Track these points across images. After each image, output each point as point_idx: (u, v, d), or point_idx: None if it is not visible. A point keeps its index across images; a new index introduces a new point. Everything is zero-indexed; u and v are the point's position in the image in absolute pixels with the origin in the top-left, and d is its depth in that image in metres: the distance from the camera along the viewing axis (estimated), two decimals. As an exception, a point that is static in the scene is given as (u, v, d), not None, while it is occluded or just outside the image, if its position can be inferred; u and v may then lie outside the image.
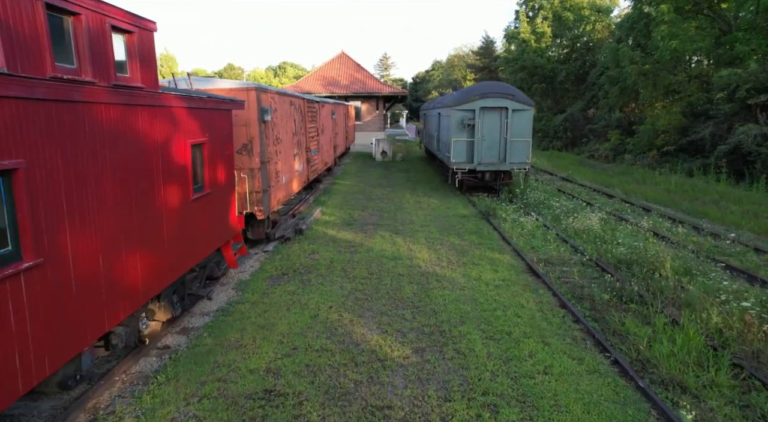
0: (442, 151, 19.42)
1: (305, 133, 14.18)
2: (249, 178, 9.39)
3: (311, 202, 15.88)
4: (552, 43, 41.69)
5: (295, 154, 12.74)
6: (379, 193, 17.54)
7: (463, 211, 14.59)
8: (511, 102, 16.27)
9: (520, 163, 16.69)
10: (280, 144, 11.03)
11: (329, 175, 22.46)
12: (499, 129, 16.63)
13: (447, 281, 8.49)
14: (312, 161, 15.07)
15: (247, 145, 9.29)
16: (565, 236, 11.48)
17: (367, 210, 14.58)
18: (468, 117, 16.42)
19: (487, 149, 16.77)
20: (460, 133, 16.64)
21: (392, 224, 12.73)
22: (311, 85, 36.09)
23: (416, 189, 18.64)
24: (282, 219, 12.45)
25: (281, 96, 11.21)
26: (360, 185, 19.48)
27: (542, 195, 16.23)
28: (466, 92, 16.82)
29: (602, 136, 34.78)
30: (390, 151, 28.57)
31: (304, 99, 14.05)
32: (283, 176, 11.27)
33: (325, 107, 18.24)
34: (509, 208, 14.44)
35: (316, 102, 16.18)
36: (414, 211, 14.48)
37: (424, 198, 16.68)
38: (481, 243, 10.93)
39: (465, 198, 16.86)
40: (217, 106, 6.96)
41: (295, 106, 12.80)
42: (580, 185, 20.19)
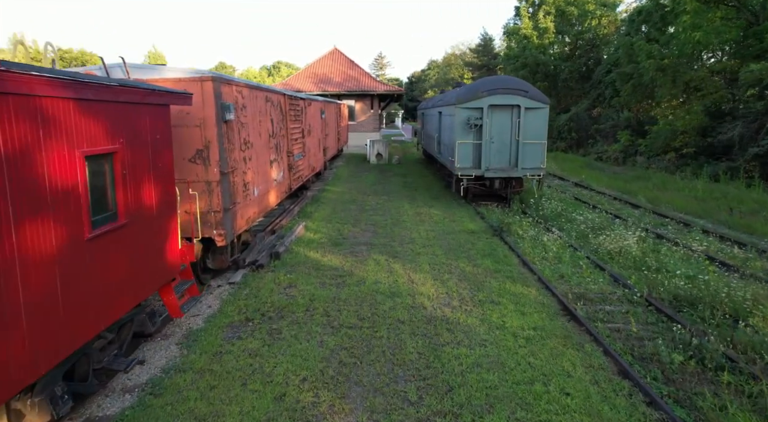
0: (444, 155, 17.40)
1: (287, 134, 12.12)
2: (205, 194, 7.32)
3: (296, 214, 13.81)
4: (555, 39, 39.78)
5: (273, 160, 10.67)
6: (374, 203, 15.49)
7: (471, 225, 12.56)
8: (524, 99, 14.27)
9: (534, 168, 14.70)
10: (251, 149, 8.96)
11: (319, 180, 20.40)
12: (509, 130, 14.63)
13: (462, 331, 6.45)
14: (295, 167, 13.01)
15: (201, 151, 7.22)
16: (598, 260, 9.47)
17: (360, 224, 12.53)
18: (474, 116, 14.41)
19: (497, 153, 14.76)
20: (466, 134, 14.62)
21: (389, 244, 10.68)
22: (302, 83, 33.99)
23: (415, 197, 16.61)
24: (257, 239, 10.39)
25: (252, 90, 9.15)
26: (352, 192, 17.43)
27: (559, 205, 14.23)
28: (472, 88, 14.82)
29: (610, 136, 32.89)
30: (386, 153, 26.53)
31: (285, 94, 11.99)
32: (255, 188, 9.20)
33: (312, 105, 16.18)
34: (524, 222, 12.43)
35: (302, 99, 14.13)
36: (414, 225, 12.44)
37: (424, 208, 14.65)
38: (499, 271, 8.89)
39: (471, 208, 14.84)
40: (142, 98, 4.89)
41: (272, 103, 10.73)
42: (597, 192, 18.21)
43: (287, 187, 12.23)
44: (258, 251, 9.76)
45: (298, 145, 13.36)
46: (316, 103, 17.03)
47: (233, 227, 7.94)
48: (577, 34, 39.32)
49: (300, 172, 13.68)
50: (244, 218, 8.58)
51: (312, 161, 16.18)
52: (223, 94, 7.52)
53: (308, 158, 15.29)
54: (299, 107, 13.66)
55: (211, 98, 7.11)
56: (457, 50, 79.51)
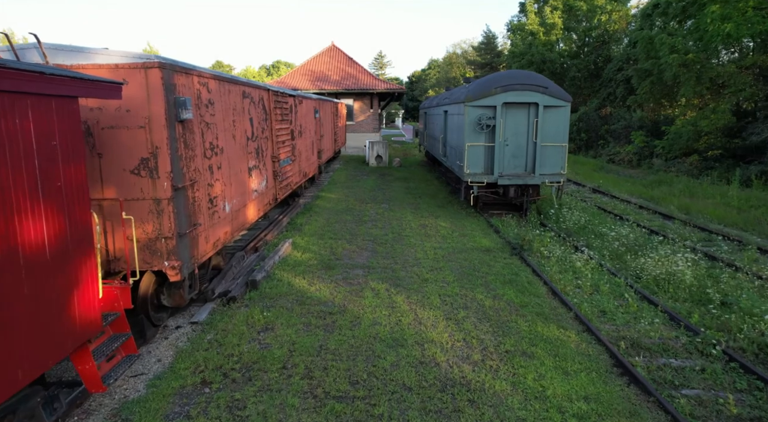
0: (451, 159, 15.73)
1: (271, 136, 10.45)
2: (153, 216, 5.65)
3: (284, 226, 12.15)
4: (563, 35, 38.11)
5: (253, 167, 9.01)
6: (373, 213, 13.83)
7: (485, 240, 10.90)
8: (543, 96, 12.61)
9: (553, 174, 13.03)
10: (221, 155, 7.29)
11: (313, 185, 18.74)
12: (526, 131, 12.96)
13: (489, 404, 4.78)
14: (282, 174, 11.34)
15: (147, 160, 5.55)
16: (644, 290, 7.82)
17: (356, 240, 10.86)
18: (486, 115, 12.75)
19: (511, 157, 13.10)
20: (476, 135, 12.96)
21: (390, 266, 9.02)
22: (297, 81, 32.33)
23: (419, 205, 14.94)
24: (233, 260, 8.73)
25: (223, 83, 7.47)
26: (349, 200, 15.77)
27: (582, 216, 12.57)
28: (484, 84, 13.15)
29: (622, 137, 31.22)
30: (386, 155, 24.87)
31: (270, 90, 10.31)
32: (227, 203, 7.53)
33: (304, 103, 14.51)
34: (546, 237, 10.77)
35: (290, 95, 12.46)
36: (419, 241, 10.78)
37: (430, 219, 12.98)
38: (525, 305, 7.23)
39: (483, 220, 13.18)
40: (17, 85, 3.21)
41: (252, 100, 9.07)
42: (619, 199, 16.53)
43: (272, 198, 10.56)
44: (232, 278, 8.09)
45: (285, 148, 11.69)
46: (308, 101, 15.37)
47: (193, 255, 6.27)
48: (586, 30, 37.65)
49: (288, 179, 12.01)
50: (211, 241, 6.91)
51: (304, 166, 14.51)
52: (178, 86, 5.85)
53: (299, 163, 13.63)
54: (287, 105, 12.00)
55: (160, 91, 5.44)
56: (458, 49, 77.88)
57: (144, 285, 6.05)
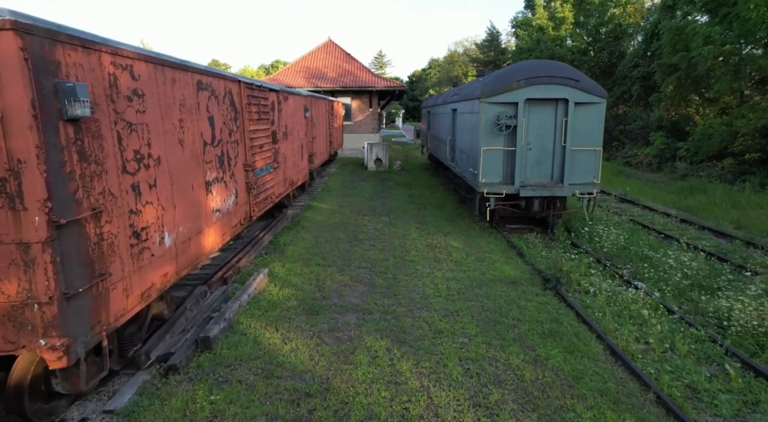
0: (462, 164, 13.65)
1: (244, 140, 8.38)
2: (15, 271, 3.58)
3: (264, 246, 10.09)
4: (573, 30, 36.04)
5: (213, 180, 6.94)
6: (371, 228, 11.76)
7: (508, 268, 8.83)
8: (574, 90, 10.54)
9: (585, 184, 10.96)
10: (155, 168, 5.22)
11: (305, 192, 16.68)
12: (552, 132, 10.90)
13: None
14: (260, 186, 9.27)
15: (4, 182, 3.49)
16: (739, 350, 5.75)
17: (350, 267, 8.79)
18: (506, 114, 10.68)
19: (535, 164, 11.03)
20: (494, 138, 10.89)
21: (392, 308, 6.95)
22: (291, 78, 30.27)
23: (424, 218, 12.88)
24: (190, 301, 6.66)
25: (159, 67, 5.39)
26: (344, 211, 13.70)
27: (620, 234, 10.52)
28: (503, 76, 11.07)
29: (640, 138, 29.15)
30: (386, 158, 22.80)
31: (241, 82, 8.23)
32: (166, 234, 5.45)
33: (291, 100, 12.45)
34: (582, 263, 8.71)
35: (272, 90, 10.39)
36: (427, 268, 8.72)
37: (438, 237, 10.92)
38: (581, 377, 5.15)
39: (501, 237, 11.12)
40: None
41: (214, 94, 7.01)
42: (654, 211, 14.46)
43: (244, 216, 8.49)
44: (182, 330, 6.02)
45: (264, 154, 9.62)
46: (296, 98, 13.30)
47: (100, 321, 4.20)
48: (597, 25, 35.57)
49: (268, 190, 9.94)
50: (137, 292, 4.83)
51: (290, 173, 12.45)
52: (65, 65, 3.78)
53: (284, 170, 11.56)
54: (267, 102, 9.93)
55: (20, 69, 3.37)
56: (460, 47, 75.76)
57: (18, 370, 3.98)
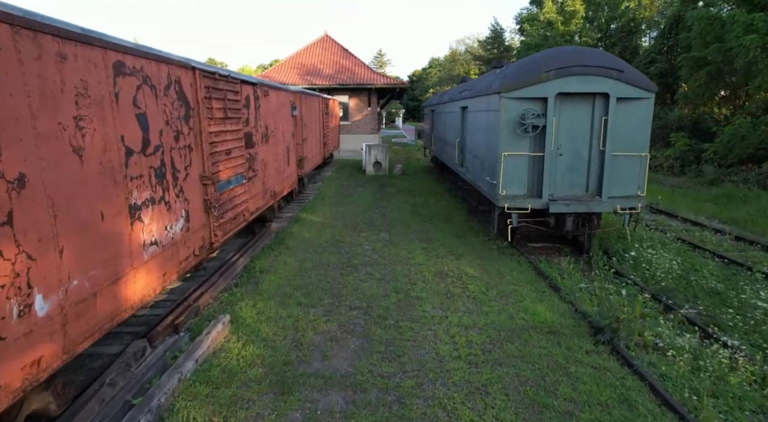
0: (475, 171, 11.69)
1: (200, 144, 6.44)
2: None
3: (237, 274, 8.16)
4: (584, 25, 34.11)
5: (145, 203, 5.00)
6: (368, 248, 9.82)
7: (541, 307, 6.88)
8: (616, 83, 8.61)
9: (628, 197, 9.04)
10: (9, 194, 3.28)
11: (295, 200, 14.75)
12: (588, 134, 8.97)
13: None
14: (226, 203, 7.33)
15: None
16: None
17: (340, 308, 6.85)
18: (532, 112, 8.75)
19: (567, 172, 9.11)
20: (517, 141, 8.96)
21: (393, 382, 4.99)
22: (285, 74, 28.33)
23: (430, 234, 10.94)
24: (114, 369, 4.74)
25: (36, 35, 3.46)
26: (337, 225, 11.76)
27: (670, 258, 8.59)
28: (529, 66, 9.12)
29: (659, 139, 27.17)
30: (385, 161, 20.86)
31: (195, 69, 6.29)
32: (39, 300, 3.50)
33: (273, 96, 10.51)
34: (636, 301, 6.79)
35: (247, 82, 8.44)
36: (438, 310, 6.78)
37: (449, 260, 8.98)
38: None
39: (524, 261, 9.18)
40: None
41: (148, 82, 5.07)
42: (695, 223, 12.50)
43: (201, 244, 6.54)
44: (83, 429, 4.07)
45: (234, 161, 7.68)
46: (281, 94, 11.36)
47: None
48: (609, 19, 33.63)
49: (239, 207, 7.99)
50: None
51: (272, 182, 10.51)
52: None
53: (262, 179, 9.62)
54: (239, 96, 7.98)
55: None
56: (462, 45, 73.80)
57: None
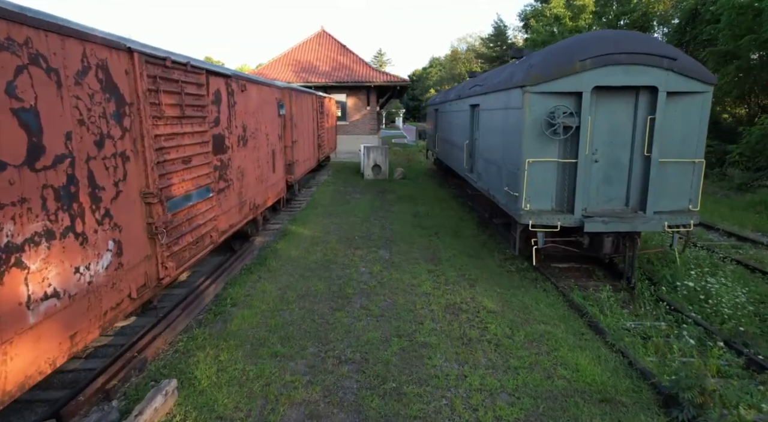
0: (489, 180, 10.11)
1: (141, 152, 4.89)
2: None
3: (202, 309, 6.62)
4: (594, 20, 32.57)
5: (33, 239, 3.45)
6: (364, 272, 8.26)
7: (585, 360, 5.32)
8: (667, 74, 7.05)
9: (677, 213, 7.48)
10: None
11: (285, 208, 13.20)
12: (630, 136, 7.41)
13: None
14: (178, 226, 5.77)
15: None
16: None
17: (325, 363, 5.29)
18: (563, 109, 7.18)
19: (603, 182, 7.54)
20: (543, 145, 7.40)
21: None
22: (278, 72, 26.77)
23: (438, 252, 9.39)
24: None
25: None
26: (329, 240, 10.20)
27: (737, 289, 7.03)
28: (561, 53, 7.52)
29: (675, 140, 25.66)
30: (385, 164, 19.30)
31: (135, 51, 4.74)
32: None
33: (253, 91, 8.96)
34: (712, 355, 5.24)
35: (216, 73, 6.88)
36: (453, 365, 5.21)
37: (462, 288, 7.42)
38: None
39: (549, 284, 7.60)
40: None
41: (40, 62, 3.52)
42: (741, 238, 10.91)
43: (142, 282, 4.98)
44: None
45: (196, 171, 6.12)
46: (264, 90, 9.81)
47: None
48: (619, 14, 32.08)
49: (200, 229, 6.43)
50: None
51: (252, 192, 8.96)
52: None
53: (238, 190, 8.07)
54: (203, 90, 6.43)
55: None
56: (464, 43, 72.20)
57: None
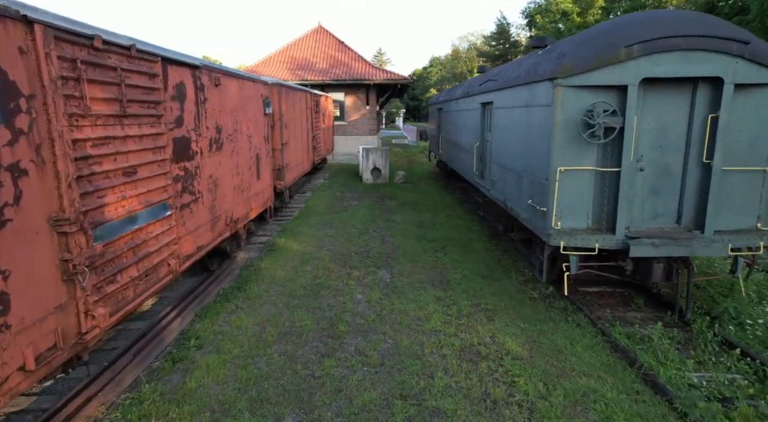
0: (506, 189, 8.73)
1: (48, 165, 3.55)
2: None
3: (161, 353, 5.28)
4: (603, 16, 31.26)
5: None
6: (361, 300, 6.91)
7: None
8: (735, 62, 5.69)
9: (743, 232, 6.13)
10: None
11: (274, 217, 11.86)
12: (684, 139, 6.07)
13: None
14: (120, 257, 4.44)
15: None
16: None
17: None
18: (605, 106, 5.83)
19: (650, 194, 6.19)
20: (577, 150, 6.05)
21: None
22: (273, 69, 25.44)
23: (446, 272, 8.05)
24: None
25: None
26: (321, 258, 8.85)
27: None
28: (599, 39, 6.16)
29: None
30: (385, 167, 17.96)
31: (40, 23, 3.43)
32: None
33: (229, 86, 7.62)
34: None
35: (178, 62, 5.54)
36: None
37: (478, 322, 6.07)
38: None
39: (582, 317, 6.25)
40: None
41: None
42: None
43: (49, 344, 3.64)
44: None
45: (145, 185, 4.78)
46: (245, 84, 8.47)
47: None
48: (630, 9, 30.73)
49: (151, 258, 5.08)
50: None
51: (228, 205, 7.61)
52: None
53: (210, 205, 6.72)
54: (156, 81, 5.09)
55: None
56: (465, 42, 70.87)
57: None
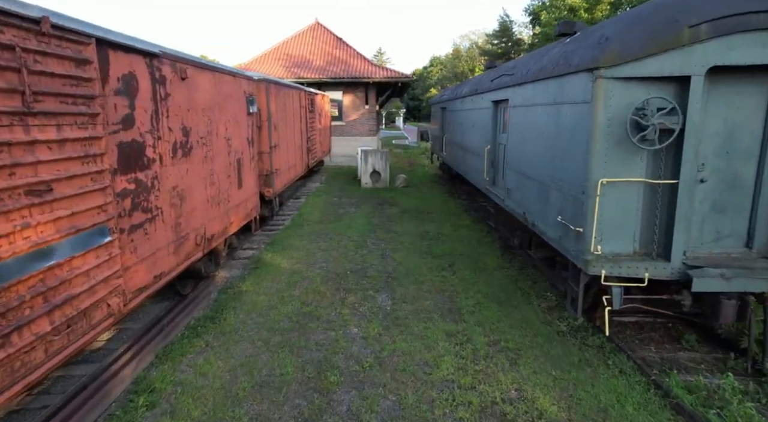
0: (528, 203, 7.53)
1: None
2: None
3: (102, 411, 4.10)
4: (611, 12, 30.09)
5: None
6: (357, 337, 5.73)
7: None
8: (824, 48, 4.54)
9: (828, 258, 4.96)
10: None
11: (263, 226, 10.69)
12: (759, 143, 4.89)
13: None
14: (15, 310, 3.27)
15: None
16: None
17: None
18: (660, 102, 4.66)
19: (712, 211, 5.01)
20: (622, 157, 4.87)
21: None
22: (267, 66, 24.28)
23: (455, 298, 6.88)
24: None
25: None
26: (313, 278, 7.68)
27: None
28: (653, 18, 5.01)
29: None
30: (386, 171, 16.79)
31: None
32: None
33: (199, 80, 6.46)
34: None
35: (126, 47, 4.40)
36: None
37: (499, 371, 4.90)
38: None
39: (624, 360, 5.07)
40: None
41: None
42: None
43: None
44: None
45: (65, 206, 3.64)
46: (223, 79, 7.29)
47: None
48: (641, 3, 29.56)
49: (75, 303, 3.92)
50: None
51: (199, 221, 6.44)
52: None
53: (173, 222, 5.57)
54: (87, 70, 3.94)
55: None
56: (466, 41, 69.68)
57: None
